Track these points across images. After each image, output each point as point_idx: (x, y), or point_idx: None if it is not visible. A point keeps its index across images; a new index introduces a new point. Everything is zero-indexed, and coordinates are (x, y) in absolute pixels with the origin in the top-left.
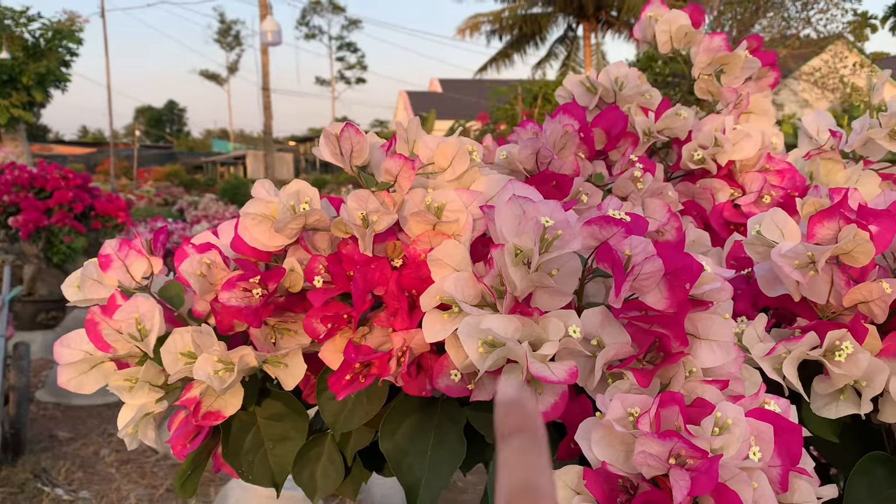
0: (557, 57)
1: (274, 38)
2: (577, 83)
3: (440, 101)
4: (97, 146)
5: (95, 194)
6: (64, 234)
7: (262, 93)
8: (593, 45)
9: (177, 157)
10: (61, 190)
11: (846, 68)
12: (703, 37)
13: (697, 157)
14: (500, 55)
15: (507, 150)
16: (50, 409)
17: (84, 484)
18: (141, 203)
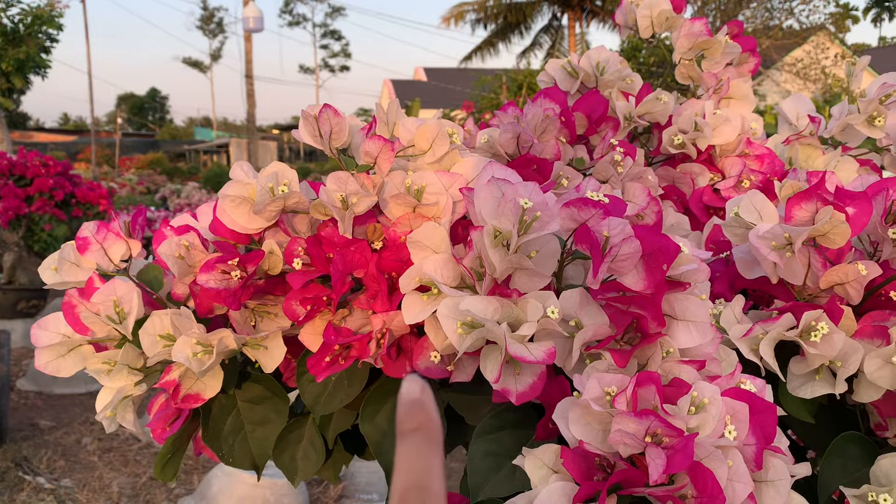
0: (542, 46)
1: (256, 25)
2: (558, 68)
3: (425, 90)
4: (78, 133)
5: (76, 182)
6: (45, 222)
7: (245, 80)
8: (578, 35)
9: (159, 145)
10: (42, 177)
11: (828, 59)
12: (684, 21)
13: (678, 141)
14: (485, 44)
15: (489, 134)
16: (31, 398)
17: (66, 472)
18: (123, 191)
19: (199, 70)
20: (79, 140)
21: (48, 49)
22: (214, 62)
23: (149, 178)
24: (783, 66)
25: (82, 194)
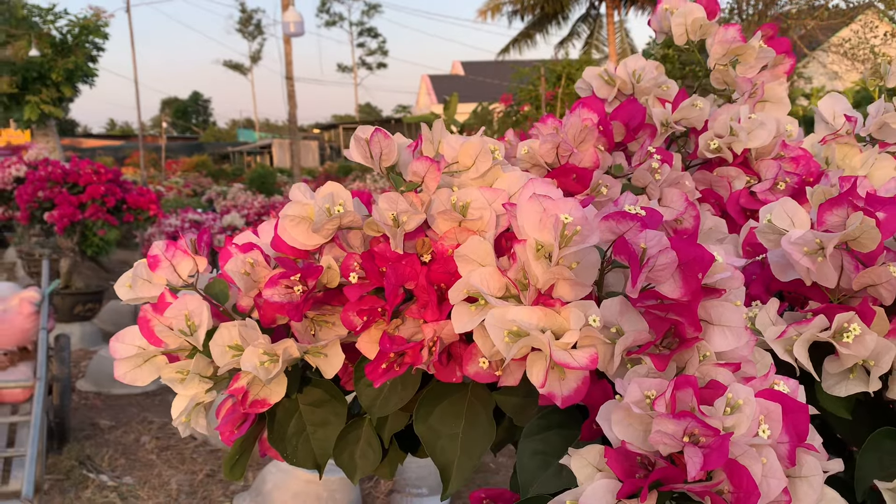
0: (580, 36)
1: (297, 29)
2: (595, 76)
3: (463, 84)
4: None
5: (127, 188)
6: (98, 228)
7: (286, 82)
8: (616, 23)
9: (203, 147)
10: (94, 184)
11: (876, 38)
12: (718, 28)
13: (714, 146)
14: (523, 36)
15: (529, 145)
16: (91, 398)
17: (127, 470)
18: (170, 194)
19: (240, 72)
20: (125, 145)
21: (95, 58)
22: (254, 64)
23: (195, 180)
24: (830, 48)
25: (133, 200)
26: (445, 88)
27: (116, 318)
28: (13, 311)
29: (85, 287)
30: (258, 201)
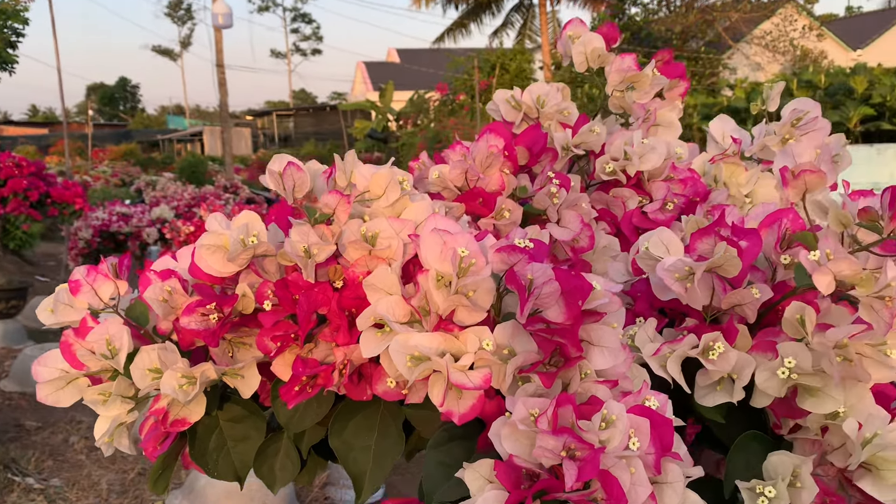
0: (514, 26)
1: (225, 21)
2: (503, 100)
3: (398, 72)
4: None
5: (51, 181)
6: (21, 223)
7: (217, 70)
8: (549, 13)
9: (132, 135)
10: (15, 178)
11: (796, 31)
12: (615, 58)
13: (609, 169)
14: (457, 25)
15: (439, 170)
16: (15, 398)
17: (55, 471)
18: (97, 184)
19: (170, 58)
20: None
21: (14, 44)
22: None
23: (123, 169)
24: (752, 39)
25: (58, 194)
26: (381, 76)
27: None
28: None
29: (7, 283)
30: (188, 192)
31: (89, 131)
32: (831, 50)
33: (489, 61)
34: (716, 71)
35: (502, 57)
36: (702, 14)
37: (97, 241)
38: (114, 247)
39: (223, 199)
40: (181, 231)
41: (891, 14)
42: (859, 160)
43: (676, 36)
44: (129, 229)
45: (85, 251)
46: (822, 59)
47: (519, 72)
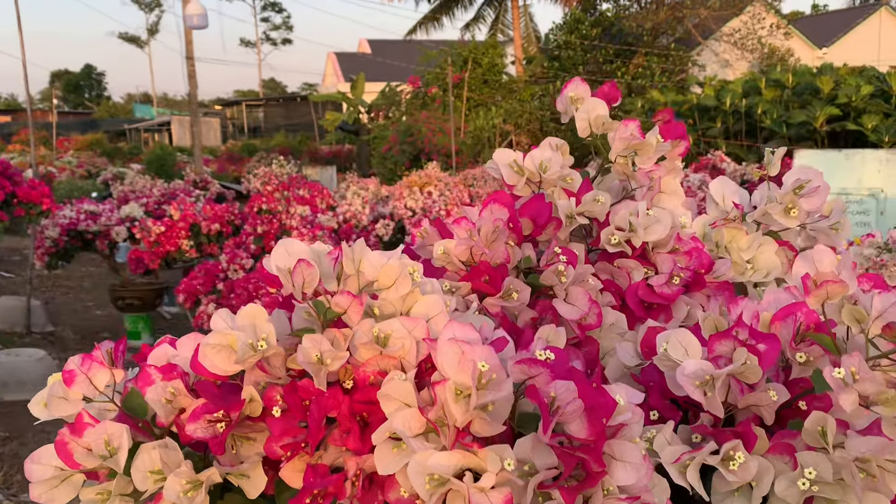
0: (486, 19)
1: (200, 22)
2: (505, 164)
3: (369, 64)
4: (10, 113)
5: (17, 181)
6: None
7: (187, 62)
8: (521, 7)
9: (98, 124)
10: None
11: (764, 29)
12: (619, 125)
13: (615, 241)
14: (429, 18)
15: (444, 246)
16: None
17: (24, 487)
18: (63, 175)
19: (137, 45)
20: (12, 122)
21: None
22: (152, 37)
23: (89, 160)
24: (721, 37)
25: (24, 193)
26: (352, 67)
27: (8, 315)
28: None
29: None
30: (157, 188)
31: (54, 120)
32: (798, 48)
33: (461, 55)
34: (685, 68)
35: (474, 51)
36: (672, 11)
37: (64, 240)
38: (81, 245)
39: (194, 196)
40: (151, 231)
41: (855, 13)
42: (828, 166)
43: (647, 32)
44: (97, 228)
45: (52, 250)
46: (789, 56)
47: (491, 66)
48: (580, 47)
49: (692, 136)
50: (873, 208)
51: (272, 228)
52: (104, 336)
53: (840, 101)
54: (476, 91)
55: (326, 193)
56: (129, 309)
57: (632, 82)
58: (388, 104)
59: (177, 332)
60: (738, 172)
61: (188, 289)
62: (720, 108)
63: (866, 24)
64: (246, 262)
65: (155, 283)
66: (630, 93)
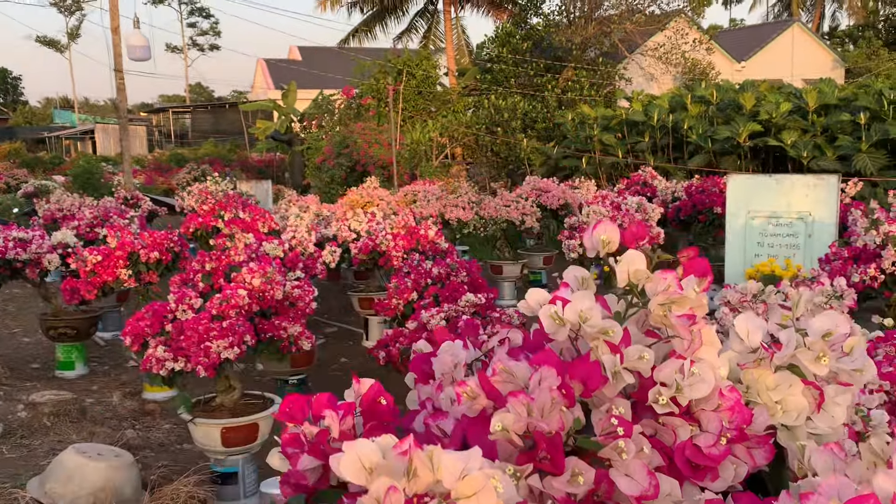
0: (418, 30)
1: (142, 55)
2: (546, 316)
3: (301, 71)
4: None
5: None
6: None
7: (115, 74)
8: (453, 19)
9: (15, 132)
10: None
11: (687, 44)
12: (657, 278)
13: (662, 401)
14: (362, 28)
15: (502, 420)
16: None
17: None
18: None
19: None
20: None
21: None
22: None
23: (7, 171)
24: (646, 51)
25: None
26: (283, 75)
27: None
28: None
29: None
30: (88, 209)
31: None
32: (718, 61)
33: (395, 67)
34: (612, 81)
35: (409, 63)
36: (600, 25)
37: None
38: (10, 274)
39: (127, 217)
40: (88, 261)
41: (770, 28)
42: (759, 190)
43: (576, 46)
44: (27, 256)
45: None
46: (710, 69)
47: (425, 77)
48: (511, 60)
49: (621, 149)
50: (802, 231)
51: (220, 265)
52: (35, 367)
53: (761, 117)
54: (410, 102)
55: (269, 217)
56: (63, 339)
57: (562, 95)
58: (320, 113)
59: (112, 359)
60: (669, 190)
61: (135, 331)
62: (648, 122)
63: (780, 39)
64: (195, 301)
65: (89, 311)
66: (560, 105)
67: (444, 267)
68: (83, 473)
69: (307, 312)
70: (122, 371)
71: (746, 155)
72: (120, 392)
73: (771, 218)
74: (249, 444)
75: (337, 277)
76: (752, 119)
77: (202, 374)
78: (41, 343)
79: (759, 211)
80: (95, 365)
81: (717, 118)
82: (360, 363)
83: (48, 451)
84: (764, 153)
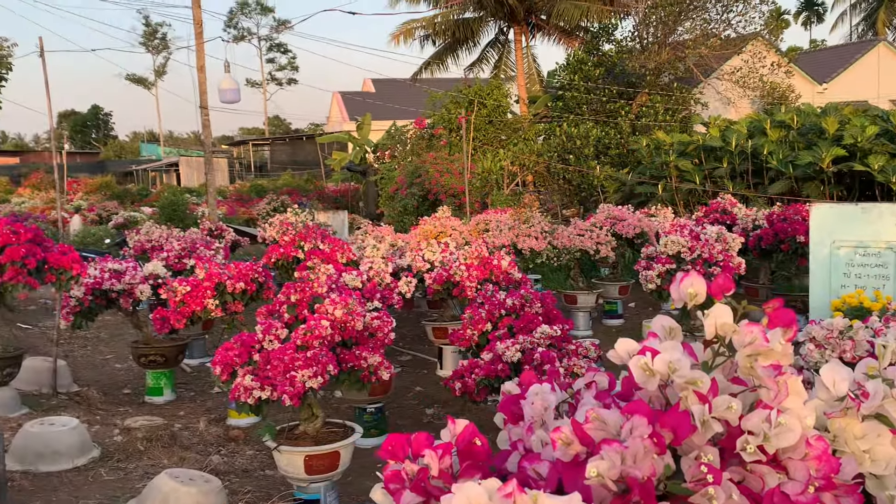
0: (489, 60)
1: (233, 97)
2: (637, 367)
3: (373, 105)
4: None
5: (47, 247)
6: (18, 291)
7: (201, 111)
8: (524, 49)
9: (106, 165)
10: (13, 246)
11: (764, 67)
12: (743, 329)
13: (750, 449)
14: (434, 59)
15: (597, 467)
16: (17, 478)
17: None
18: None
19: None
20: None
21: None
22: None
23: (99, 203)
24: (722, 75)
25: (55, 259)
26: (357, 107)
27: (35, 377)
28: None
29: (3, 351)
30: (176, 240)
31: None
32: (798, 84)
33: (466, 97)
34: (688, 106)
35: (479, 92)
36: (674, 51)
37: (89, 299)
38: (105, 304)
39: (213, 249)
40: (178, 291)
41: (854, 48)
42: (844, 218)
43: (650, 72)
44: (121, 287)
45: (77, 309)
46: (790, 92)
47: (496, 107)
48: (583, 87)
49: (698, 176)
50: (892, 261)
51: (304, 296)
52: (127, 393)
53: (846, 141)
54: (481, 131)
55: (347, 248)
56: (152, 366)
57: (635, 121)
58: (393, 144)
59: (197, 386)
60: (750, 218)
61: (224, 360)
62: (726, 148)
63: (865, 60)
64: (281, 332)
65: (178, 339)
66: (634, 131)
67: (518, 297)
68: (176, 497)
69: (386, 343)
70: (207, 397)
71: (830, 180)
72: (206, 418)
73: (858, 248)
74: (331, 471)
75: (411, 306)
76: (835, 143)
77: (287, 402)
78: (132, 369)
79: (845, 240)
80: (182, 391)
81: (798, 143)
82: (434, 392)
83: (142, 475)
84: (849, 178)
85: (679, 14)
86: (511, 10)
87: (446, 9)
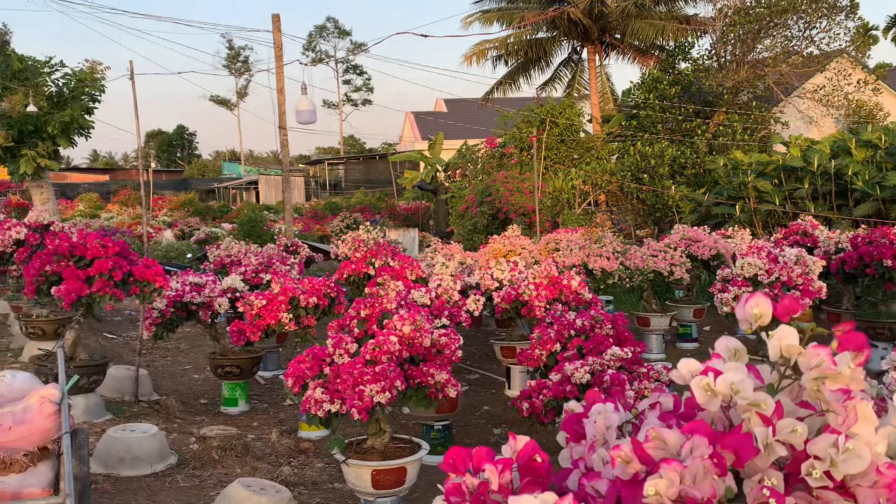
0: (562, 80)
1: (309, 118)
2: (698, 387)
3: (446, 124)
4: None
5: (133, 260)
6: (104, 302)
7: (279, 132)
8: (598, 67)
9: (189, 183)
10: (101, 259)
11: (850, 85)
12: (810, 351)
13: (816, 475)
14: (507, 79)
15: (655, 486)
16: (101, 481)
17: None
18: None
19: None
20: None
21: (91, 110)
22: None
23: (182, 219)
24: (804, 94)
25: (139, 272)
26: (429, 126)
27: (119, 384)
28: (33, 410)
29: (90, 359)
30: (254, 255)
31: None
32: (886, 102)
33: (538, 116)
34: (767, 125)
35: (552, 111)
36: (753, 69)
37: (171, 311)
38: (185, 316)
39: (288, 264)
40: (254, 305)
41: None
42: None
43: (728, 90)
44: (201, 300)
45: (159, 320)
46: (878, 111)
47: (568, 126)
48: (659, 106)
49: (778, 197)
50: None
51: (374, 312)
52: (203, 402)
53: None
54: (553, 150)
55: (416, 265)
56: (228, 377)
57: (712, 140)
58: (464, 163)
59: (270, 398)
60: (832, 240)
61: (296, 372)
62: (807, 168)
63: None
64: (350, 346)
65: (253, 351)
66: (711, 151)
67: (588, 318)
68: None
69: (453, 360)
70: (279, 409)
71: None
72: (278, 430)
73: None
74: (398, 487)
75: (479, 324)
76: None
77: (356, 416)
78: (209, 380)
79: None
80: (255, 402)
81: (885, 163)
82: (502, 412)
83: (216, 483)
84: None
85: (759, 31)
86: (585, 30)
87: (519, 29)
